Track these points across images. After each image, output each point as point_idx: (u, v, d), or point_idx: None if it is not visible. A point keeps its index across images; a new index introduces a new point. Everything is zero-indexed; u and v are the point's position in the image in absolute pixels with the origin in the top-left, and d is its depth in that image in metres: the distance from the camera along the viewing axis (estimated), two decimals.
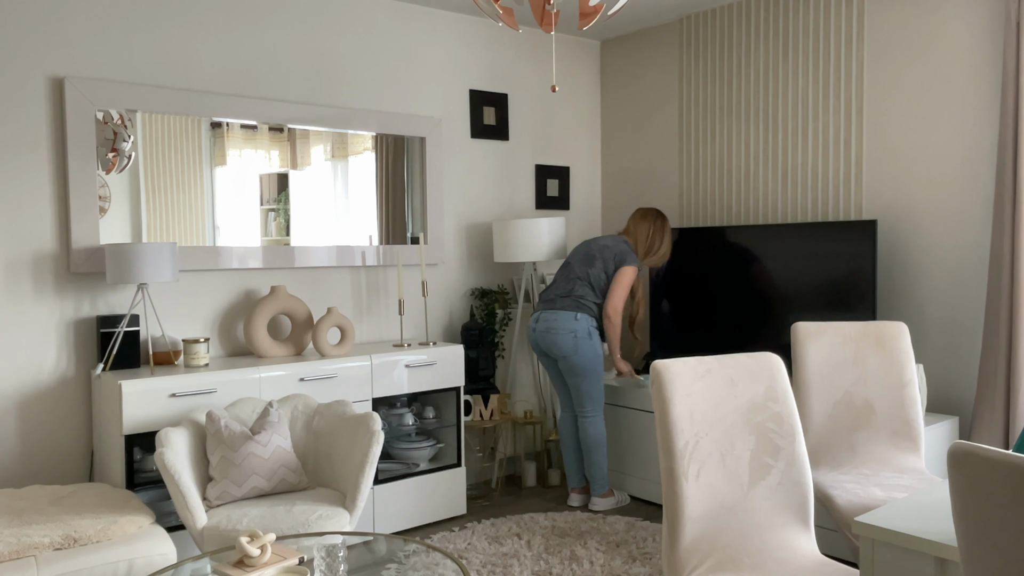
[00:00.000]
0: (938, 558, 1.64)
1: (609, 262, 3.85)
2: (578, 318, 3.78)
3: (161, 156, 3.43)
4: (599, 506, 3.93)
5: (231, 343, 3.66)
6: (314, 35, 3.86)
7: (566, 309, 3.81)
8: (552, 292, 3.91)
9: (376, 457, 2.83)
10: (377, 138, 4.06)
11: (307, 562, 2.25)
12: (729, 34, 4.30)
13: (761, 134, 4.17)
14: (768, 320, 3.88)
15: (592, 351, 3.80)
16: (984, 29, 3.36)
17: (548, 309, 3.87)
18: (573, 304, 3.81)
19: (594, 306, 3.83)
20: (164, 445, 2.70)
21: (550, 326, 3.81)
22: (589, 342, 3.79)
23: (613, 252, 3.85)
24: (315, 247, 3.85)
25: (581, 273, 3.85)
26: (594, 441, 3.87)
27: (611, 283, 3.84)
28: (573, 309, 3.80)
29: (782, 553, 2.11)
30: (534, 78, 4.69)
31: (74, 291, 3.26)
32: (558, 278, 3.95)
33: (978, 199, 3.41)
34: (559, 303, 3.84)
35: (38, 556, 2.34)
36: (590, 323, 3.81)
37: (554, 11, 2.28)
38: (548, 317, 3.84)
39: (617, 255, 3.85)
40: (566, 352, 3.79)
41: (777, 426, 2.19)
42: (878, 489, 2.61)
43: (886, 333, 2.93)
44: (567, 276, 3.90)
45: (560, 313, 3.81)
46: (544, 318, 3.85)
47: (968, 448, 1.23)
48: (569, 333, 3.77)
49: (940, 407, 3.57)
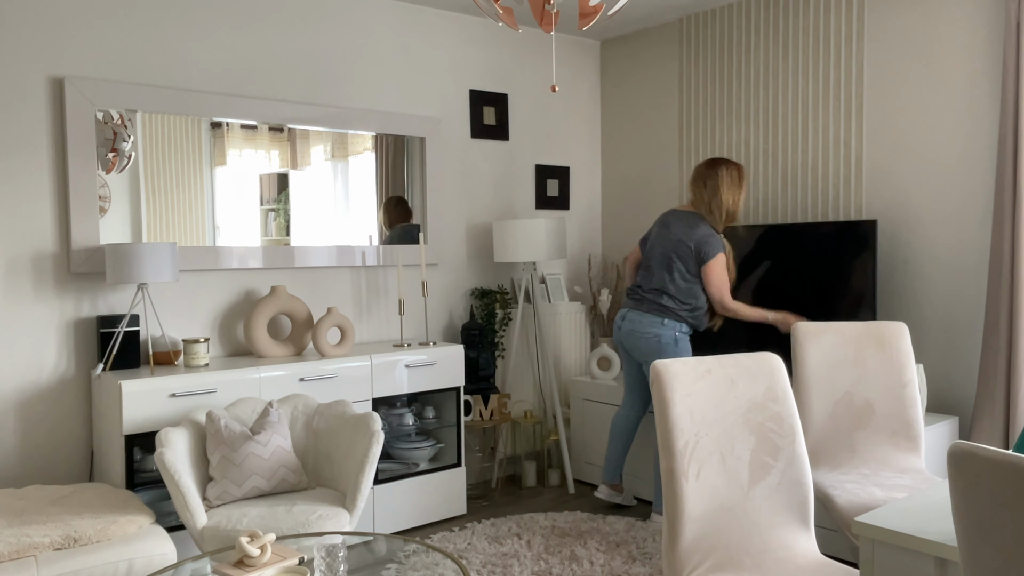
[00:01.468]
0: (938, 558, 1.64)
1: (689, 261, 3.53)
2: (665, 323, 3.55)
3: (161, 156, 3.43)
4: (658, 523, 3.71)
5: (231, 343, 3.66)
6: (314, 35, 3.86)
7: (652, 313, 3.58)
8: (640, 291, 3.67)
9: (376, 457, 2.83)
10: (377, 138, 4.06)
11: (307, 562, 2.25)
12: (729, 34, 4.30)
13: (761, 134, 4.17)
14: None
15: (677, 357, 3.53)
16: (984, 29, 3.36)
17: (635, 309, 3.64)
18: (661, 310, 3.57)
19: (684, 313, 3.56)
20: (164, 445, 2.70)
21: (635, 327, 3.60)
22: (675, 348, 3.56)
23: (691, 247, 3.51)
24: (315, 247, 3.85)
25: (661, 281, 3.57)
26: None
27: (704, 284, 3.53)
28: (660, 315, 3.56)
29: (782, 553, 2.11)
30: (534, 78, 4.69)
31: (74, 291, 3.26)
32: (643, 273, 3.68)
33: (978, 199, 3.41)
34: (646, 304, 3.61)
35: (38, 556, 2.34)
36: (677, 328, 3.56)
37: (554, 11, 2.28)
38: (633, 317, 3.62)
39: (696, 249, 3.51)
40: (649, 356, 3.60)
41: (777, 426, 2.19)
42: (878, 489, 2.61)
43: (886, 333, 2.93)
44: (651, 276, 3.63)
45: (646, 315, 3.58)
46: (630, 318, 3.64)
47: (968, 448, 1.23)
48: (653, 337, 3.56)
49: (940, 407, 3.57)
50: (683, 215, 3.62)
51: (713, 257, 3.49)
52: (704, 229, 3.54)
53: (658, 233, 3.68)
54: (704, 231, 3.53)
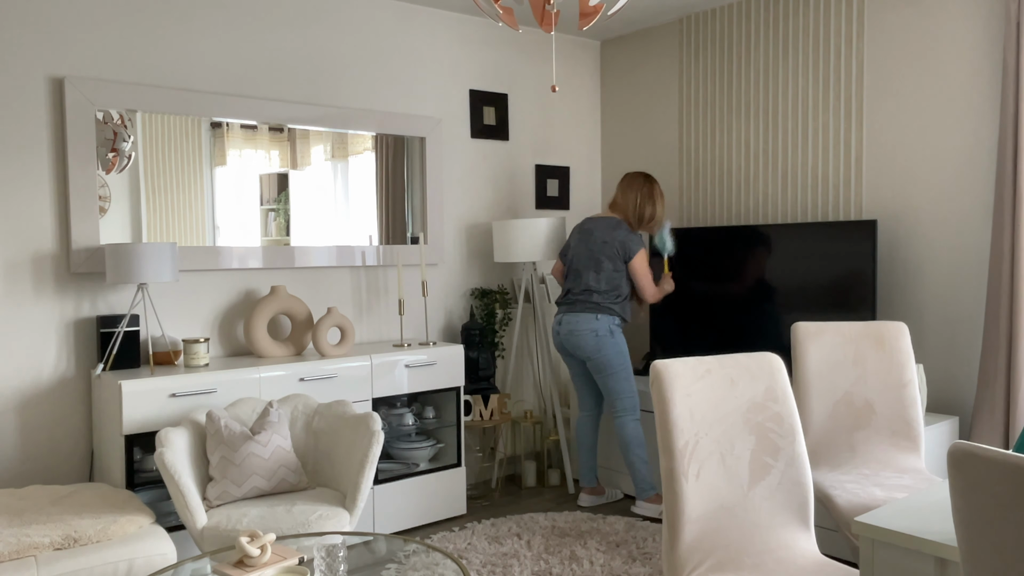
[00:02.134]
0: (938, 558, 1.64)
1: (616, 259, 3.81)
2: (599, 318, 3.78)
3: (161, 156, 3.43)
4: (643, 511, 3.81)
5: (231, 343, 3.66)
6: (314, 35, 3.86)
7: (586, 311, 3.81)
8: (571, 295, 3.90)
9: (376, 457, 2.83)
10: (377, 138, 4.06)
11: (307, 562, 2.25)
12: (729, 34, 4.30)
13: (761, 134, 4.17)
14: (768, 320, 3.88)
15: (615, 348, 3.79)
16: (984, 29, 3.36)
17: (569, 312, 3.87)
18: (593, 307, 3.81)
19: (614, 306, 3.82)
20: (164, 445, 2.70)
21: (572, 328, 3.83)
22: (612, 339, 3.79)
23: (614, 247, 3.81)
24: (315, 247, 3.85)
25: (593, 282, 3.83)
26: (626, 441, 3.79)
27: (631, 278, 3.84)
28: (593, 311, 3.80)
29: (782, 553, 2.11)
30: (534, 78, 4.69)
31: (74, 291, 3.26)
32: (572, 278, 3.92)
33: (978, 199, 3.41)
34: (579, 305, 3.85)
35: (38, 556, 2.34)
36: (611, 321, 3.80)
37: (554, 11, 2.28)
38: (570, 319, 3.85)
39: (619, 248, 3.81)
40: (590, 352, 3.80)
41: (777, 426, 2.19)
42: (878, 489, 2.61)
43: (886, 333, 2.93)
44: (579, 279, 3.88)
45: (581, 315, 3.82)
46: (567, 320, 3.86)
47: (968, 448, 1.23)
48: (591, 333, 3.78)
49: (940, 407, 3.57)
50: (602, 220, 3.92)
51: (636, 254, 3.82)
52: (625, 230, 3.86)
53: (580, 239, 3.95)
54: (625, 231, 3.85)
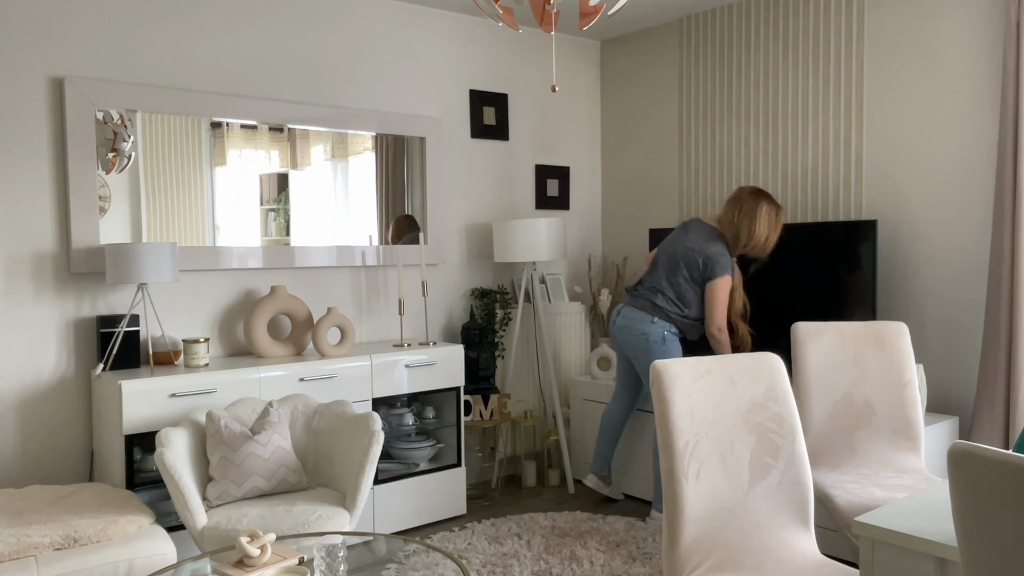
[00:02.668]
0: (938, 558, 1.64)
1: (695, 270, 3.55)
2: (655, 322, 3.58)
3: (161, 156, 3.43)
4: (659, 520, 3.70)
5: (231, 343, 3.66)
6: (314, 35, 3.86)
7: (645, 310, 3.62)
8: (640, 288, 3.71)
9: (376, 457, 2.83)
10: (377, 138, 4.06)
11: (307, 562, 2.25)
12: (729, 34, 4.30)
13: (761, 134, 4.17)
14: (768, 320, 3.88)
15: (663, 357, 3.59)
16: (984, 29, 3.36)
17: (629, 304, 3.69)
18: (652, 308, 3.61)
19: (676, 316, 3.60)
20: (164, 445, 2.70)
21: (626, 323, 3.66)
22: (662, 347, 3.59)
23: (699, 260, 3.53)
24: (315, 247, 3.85)
25: (665, 282, 3.61)
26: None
27: (704, 298, 3.56)
28: (651, 312, 3.60)
29: (782, 553, 2.10)
30: (534, 78, 4.69)
31: (74, 291, 3.26)
32: (650, 269, 3.72)
33: (978, 199, 3.41)
34: (640, 301, 3.65)
35: (38, 556, 2.34)
36: (666, 328, 3.59)
37: (554, 11, 2.28)
38: (627, 313, 3.67)
39: (704, 264, 3.53)
40: (636, 353, 3.66)
41: (777, 426, 2.19)
42: (878, 489, 2.61)
43: (886, 333, 2.93)
44: (654, 274, 3.67)
45: (638, 313, 3.63)
46: (624, 313, 3.69)
47: (968, 448, 1.23)
48: (641, 335, 3.60)
49: (940, 407, 3.57)
50: (705, 226, 3.63)
51: (719, 277, 3.51)
52: (719, 247, 3.54)
53: (675, 236, 3.70)
54: (718, 249, 3.54)
